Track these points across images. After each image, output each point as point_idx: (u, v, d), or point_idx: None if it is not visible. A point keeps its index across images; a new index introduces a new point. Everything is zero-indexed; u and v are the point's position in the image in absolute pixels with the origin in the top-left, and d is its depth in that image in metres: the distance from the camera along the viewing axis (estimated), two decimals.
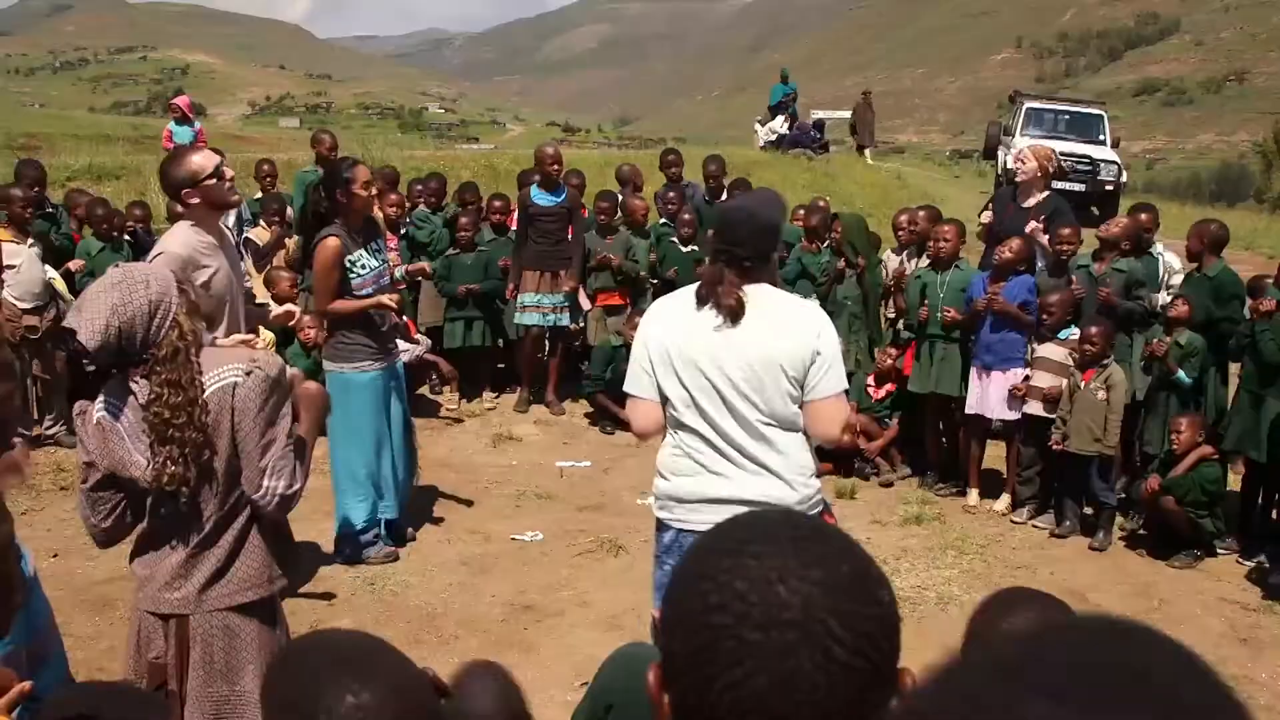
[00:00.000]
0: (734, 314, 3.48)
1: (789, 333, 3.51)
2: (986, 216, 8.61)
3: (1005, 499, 7.91)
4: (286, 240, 9.46)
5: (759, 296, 3.53)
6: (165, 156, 6.80)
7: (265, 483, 3.02)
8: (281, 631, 3.23)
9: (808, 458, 3.65)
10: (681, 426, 3.61)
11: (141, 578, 3.10)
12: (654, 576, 3.83)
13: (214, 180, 4.88)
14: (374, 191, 6.52)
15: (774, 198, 3.87)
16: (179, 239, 4.85)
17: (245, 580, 3.08)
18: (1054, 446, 7.35)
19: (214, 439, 2.95)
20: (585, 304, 9.90)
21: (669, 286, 8.41)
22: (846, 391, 3.66)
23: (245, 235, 9.98)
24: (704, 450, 3.57)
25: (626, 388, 3.72)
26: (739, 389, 3.50)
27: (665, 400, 3.63)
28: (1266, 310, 6.90)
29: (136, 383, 2.92)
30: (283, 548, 3.26)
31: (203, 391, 2.91)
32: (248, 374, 2.95)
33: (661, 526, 3.71)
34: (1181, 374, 7.19)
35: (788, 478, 3.56)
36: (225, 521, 3.05)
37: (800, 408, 3.57)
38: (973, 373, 7.80)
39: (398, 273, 7.36)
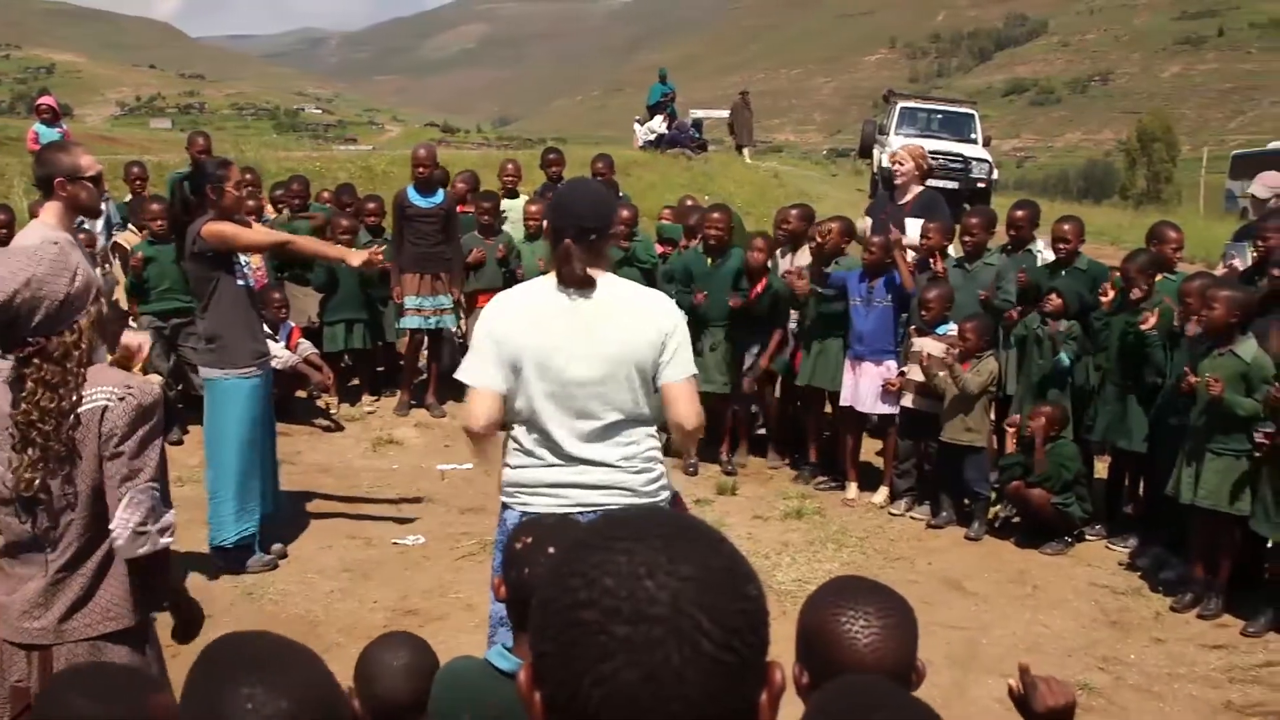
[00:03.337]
0: (584, 284, 3.50)
1: (640, 326, 3.56)
2: (865, 223, 8.74)
3: (883, 491, 8.04)
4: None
5: (608, 290, 3.56)
6: (52, 143, 6.64)
7: (120, 514, 2.85)
8: (154, 652, 3.13)
9: (653, 443, 3.69)
10: (524, 423, 3.62)
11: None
12: (495, 559, 3.80)
13: (91, 185, 4.76)
14: (244, 193, 6.52)
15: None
16: (39, 233, 4.71)
17: (108, 610, 2.95)
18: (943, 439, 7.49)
19: (76, 458, 2.83)
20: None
21: None
22: (696, 377, 3.71)
23: (114, 240, 9.74)
24: (547, 449, 3.59)
25: (467, 378, 3.64)
26: (588, 391, 3.53)
27: (508, 395, 3.61)
28: (1109, 300, 7.09)
29: (5, 359, 2.82)
30: (152, 595, 3.10)
31: (78, 405, 2.80)
32: (120, 399, 2.83)
33: (506, 508, 3.71)
34: (1062, 355, 7.33)
35: (630, 467, 3.60)
36: (88, 549, 2.92)
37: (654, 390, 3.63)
38: (846, 365, 7.94)
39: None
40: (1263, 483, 5.93)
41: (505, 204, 10.55)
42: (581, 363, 3.51)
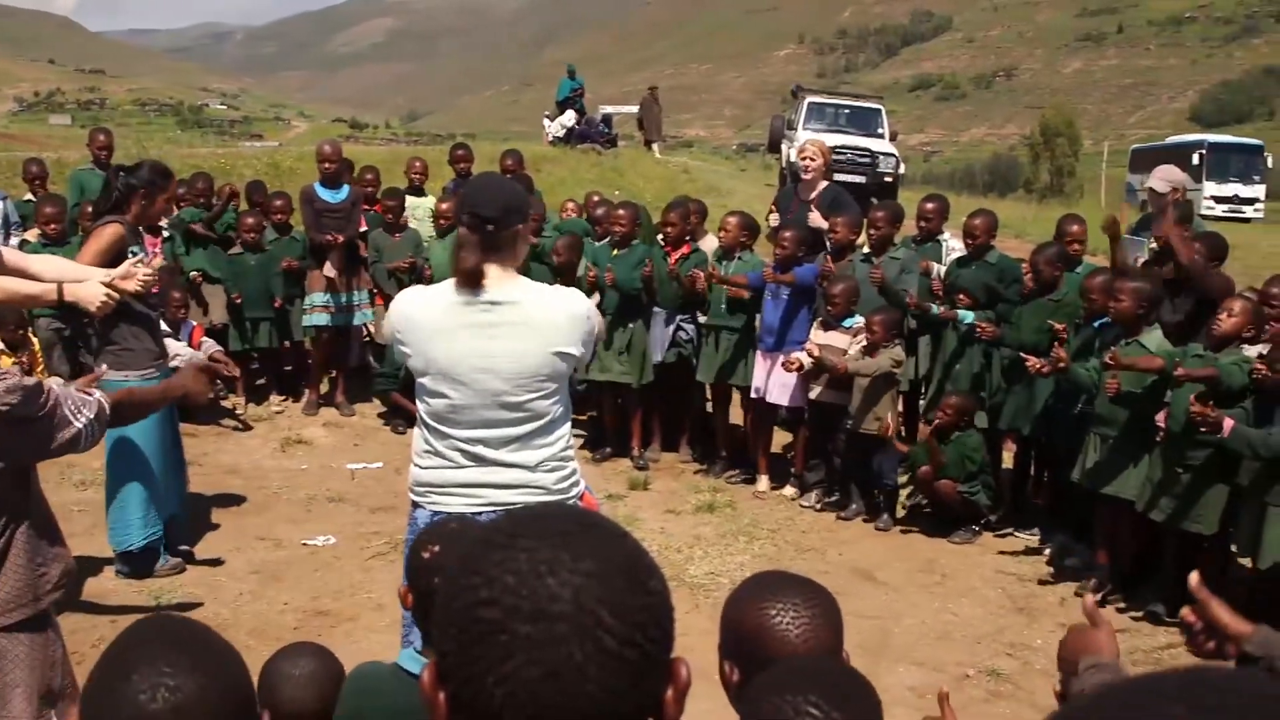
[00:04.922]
0: (471, 279, 3.40)
1: (557, 331, 3.47)
2: (774, 219, 8.78)
3: (793, 484, 8.11)
4: None
5: (520, 294, 3.46)
6: None
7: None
8: (58, 648, 3.08)
9: (566, 441, 3.65)
10: (432, 428, 3.54)
11: None
12: (405, 558, 3.77)
13: None
14: (172, 208, 6.43)
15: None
16: None
17: (8, 601, 2.91)
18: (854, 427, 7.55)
19: None
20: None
21: None
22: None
23: (23, 239, 9.52)
24: (458, 454, 3.51)
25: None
26: (499, 401, 3.44)
27: (420, 390, 3.55)
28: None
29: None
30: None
31: None
32: None
33: (416, 507, 3.65)
34: (961, 313, 7.40)
35: (541, 467, 3.55)
36: None
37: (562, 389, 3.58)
38: (757, 357, 7.98)
39: None
40: (1155, 466, 6.08)
41: (413, 201, 10.52)
42: (495, 376, 3.41)
